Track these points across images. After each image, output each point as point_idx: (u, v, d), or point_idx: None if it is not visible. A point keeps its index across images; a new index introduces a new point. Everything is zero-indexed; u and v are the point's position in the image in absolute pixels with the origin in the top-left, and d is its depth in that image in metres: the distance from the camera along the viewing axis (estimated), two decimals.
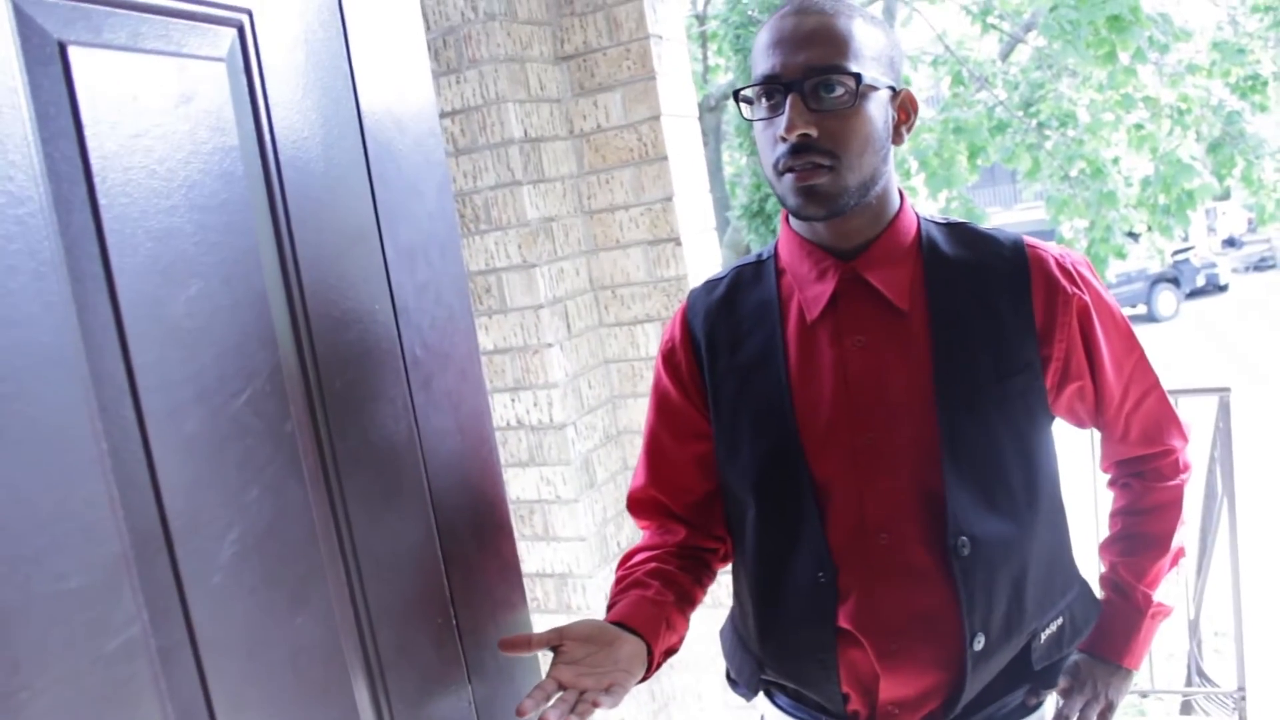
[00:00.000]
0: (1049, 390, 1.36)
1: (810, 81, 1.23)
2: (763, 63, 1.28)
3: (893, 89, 1.30)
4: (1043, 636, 1.41)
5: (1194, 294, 18.30)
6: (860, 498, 1.34)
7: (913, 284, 1.34)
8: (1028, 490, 1.36)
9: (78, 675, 0.78)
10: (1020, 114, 8.66)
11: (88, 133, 0.82)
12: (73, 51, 0.82)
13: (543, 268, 2.57)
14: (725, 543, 1.54)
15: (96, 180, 0.83)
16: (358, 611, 1.11)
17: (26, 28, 0.79)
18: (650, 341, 2.75)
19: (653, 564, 1.48)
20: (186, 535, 0.89)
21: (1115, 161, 8.37)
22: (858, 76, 1.23)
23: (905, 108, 1.33)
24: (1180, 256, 18.25)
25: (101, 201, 0.83)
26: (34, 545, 0.75)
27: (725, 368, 1.42)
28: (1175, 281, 16.96)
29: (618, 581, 1.48)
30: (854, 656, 1.38)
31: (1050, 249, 1.38)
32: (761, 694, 1.55)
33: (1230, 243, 26.67)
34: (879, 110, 1.27)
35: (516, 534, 2.05)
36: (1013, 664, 1.41)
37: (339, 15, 1.15)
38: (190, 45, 0.94)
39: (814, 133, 1.23)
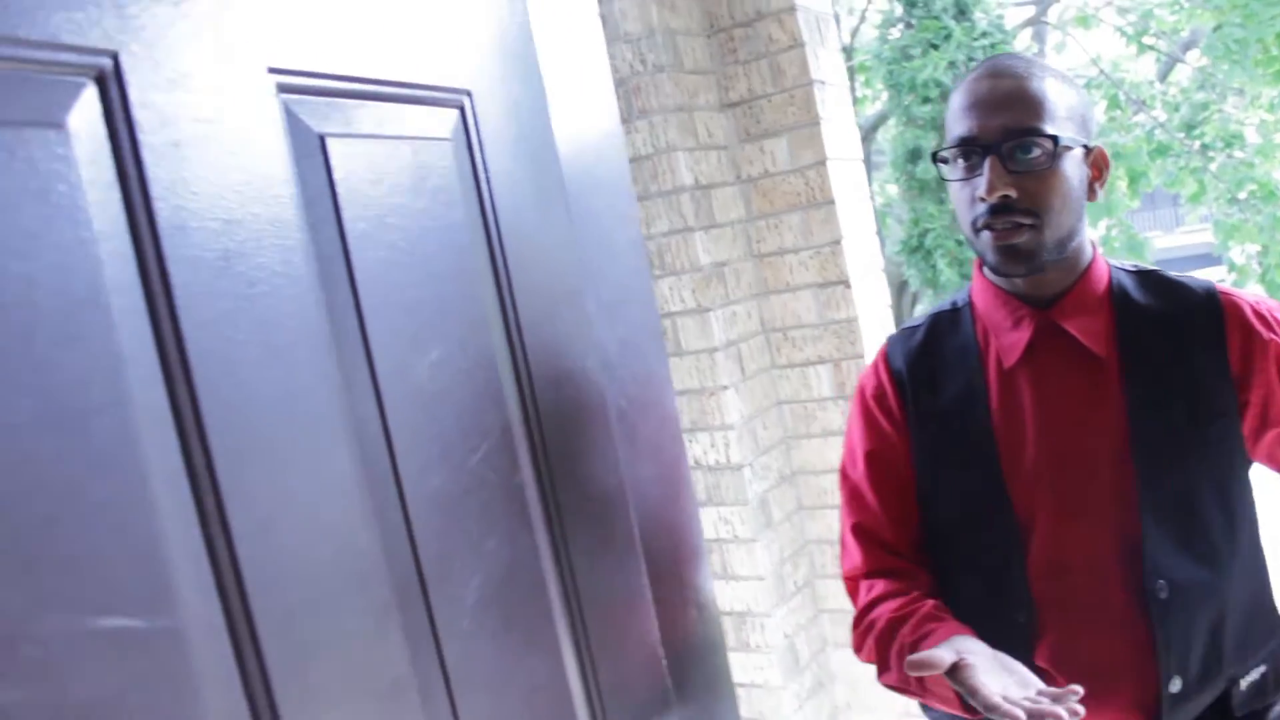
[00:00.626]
0: (1247, 436, 1.37)
1: (1008, 144, 1.27)
2: (959, 125, 1.32)
3: (1086, 147, 1.33)
4: (1244, 683, 1.40)
5: None
6: (1059, 540, 1.35)
7: (1107, 332, 1.37)
8: (1226, 535, 1.36)
9: (360, 713, 0.85)
10: (1182, 136, 8.38)
11: (344, 215, 0.91)
12: (330, 143, 0.90)
13: (716, 311, 2.63)
14: None
15: (354, 259, 0.91)
16: (580, 651, 1.17)
17: (294, 125, 0.88)
18: (822, 383, 2.77)
19: (930, 602, 1.41)
20: (438, 583, 0.95)
21: None
22: (1054, 138, 1.27)
23: (1098, 164, 1.36)
24: None
25: (358, 278, 0.91)
26: (321, 590, 0.82)
27: (928, 410, 1.45)
28: None
29: (895, 622, 1.41)
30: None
31: (1245, 296, 1.40)
32: None
33: None
34: (1074, 169, 1.31)
35: None
36: (1212, 710, 1.40)
37: (542, 87, 1.22)
38: (422, 128, 1.02)
39: (1013, 194, 1.27)
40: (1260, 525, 1.42)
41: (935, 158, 1.39)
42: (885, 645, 1.41)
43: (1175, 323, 1.36)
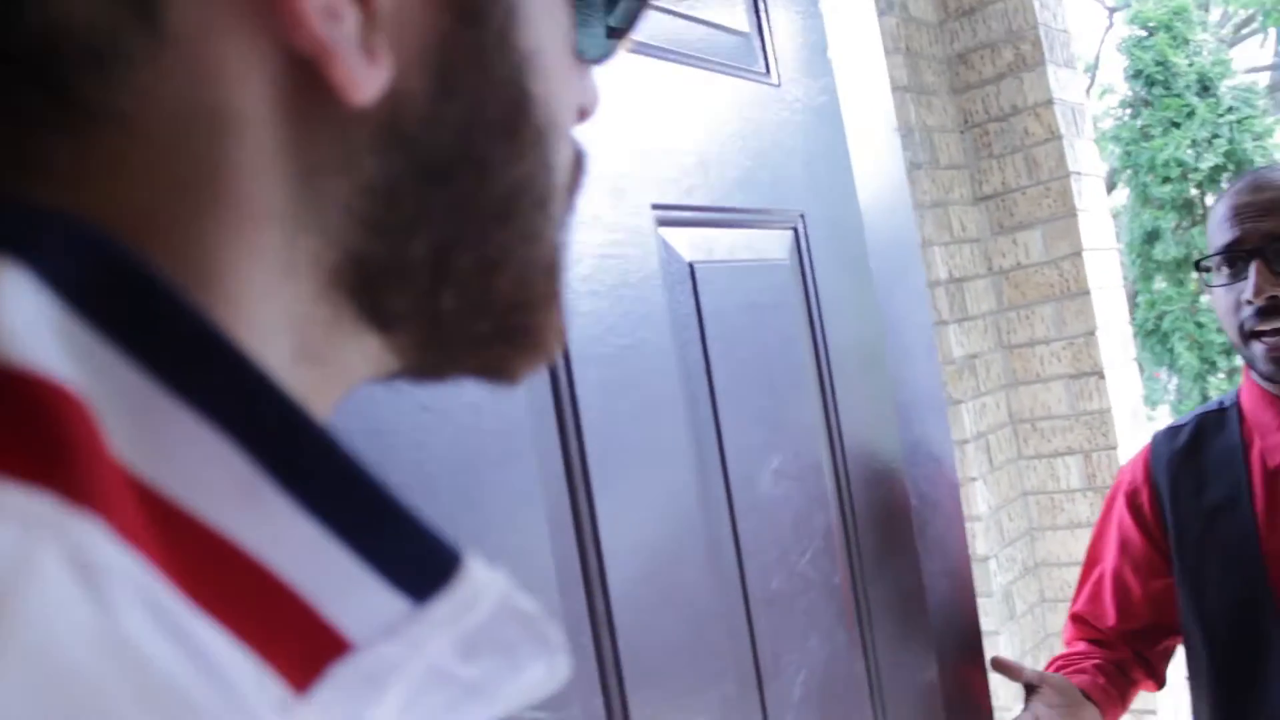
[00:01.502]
0: None
1: (1273, 247, 1.32)
2: (1224, 232, 1.37)
3: None
4: None
5: None
6: None
7: None
8: None
9: None
10: None
11: (708, 336, 0.99)
12: (698, 269, 0.99)
13: (967, 404, 2.63)
14: (1158, 674, 1.60)
15: (714, 377, 0.99)
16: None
17: (668, 255, 0.96)
18: (1071, 474, 2.73)
19: (1098, 660, 1.55)
20: (771, 678, 1.02)
21: None
22: None
23: None
24: None
25: (718, 393, 0.99)
26: (678, 685, 0.89)
27: (1190, 511, 1.47)
28: None
29: (1060, 666, 1.56)
30: None
31: None
32: None
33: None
34: None
35: None
36: None
37: (858, 205, 1.29)
38: (766, 250, 1.10)
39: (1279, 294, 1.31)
40: None
41: (1198, 266, 1.43)
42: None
43: None
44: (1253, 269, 1.32)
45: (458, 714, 0.30)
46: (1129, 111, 4.97)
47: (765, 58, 1.18)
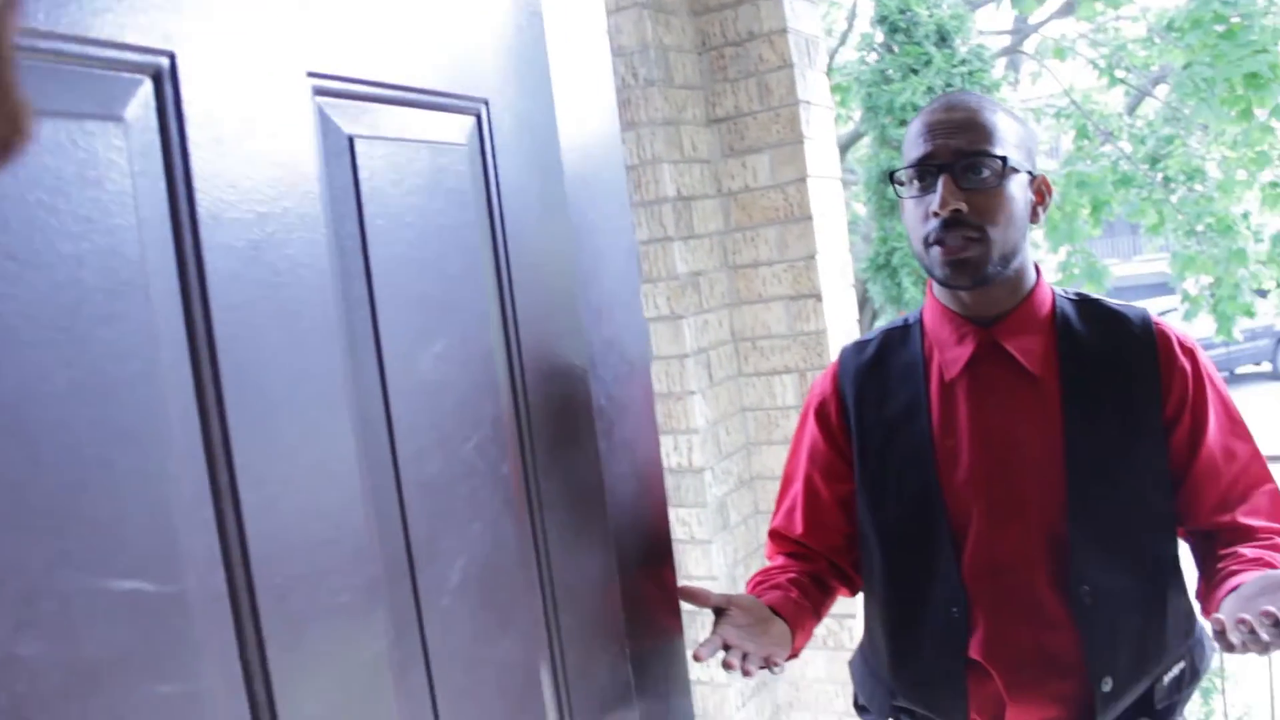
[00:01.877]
0: (1170, 455, 1.48)
1: (961, 163, 1.39)
2: (917, 148, 1.44)
3: (1030, 173, 1.46)
4: (1165, 679, 1.52)
5: None
6: (992, 541, 1.48)
7: (1046, 353, 1.48)
8: (1152, 546, 1.49)
9: (344, 680, 0.90)
10: (1146, 168, 8.54)
11: (366, 212, 0.96)
12: (358, 144, 0.96)
13: (689, 319, 2.69)
14: (853, 581, 1.68)
15: (371, 254, 0.96)
16: (550, 635, 1.23)
17: (326, 126, 0.93)
18: (788, 392, 2.85)
19: (793, 574, 1.62)
20: (426, 563, 1.01)
21: (1245, 217, 8.22)
22: (1003, 159, 1.40)
23: (1041, 191, 1.49)
24: None
25: (374, 271, 0.96)
26: (319, 564, 0.88)
27: (873, 420, 1.57)
28: None
29: (757, 582, 1.63)
30: (983, 685, 1.52)
31: (1174, 328, 1.52)
32: None
33: None
34: (1020, 191, 1.43)
35: None
36: (1135, 705, 1.52)
37: (551, 99, 1.28)
38: (441, 133, 1.08)
39: (964, 208, 1.38)
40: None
41: (892, 177, 1.51)
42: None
43: (1113, 349, 1.48)
44: (941, 183, 1.39)
45: None
46: (874, 55, 5.18)
47: None
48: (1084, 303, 1.54)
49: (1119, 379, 1.47)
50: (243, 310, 0.83)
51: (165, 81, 0.79)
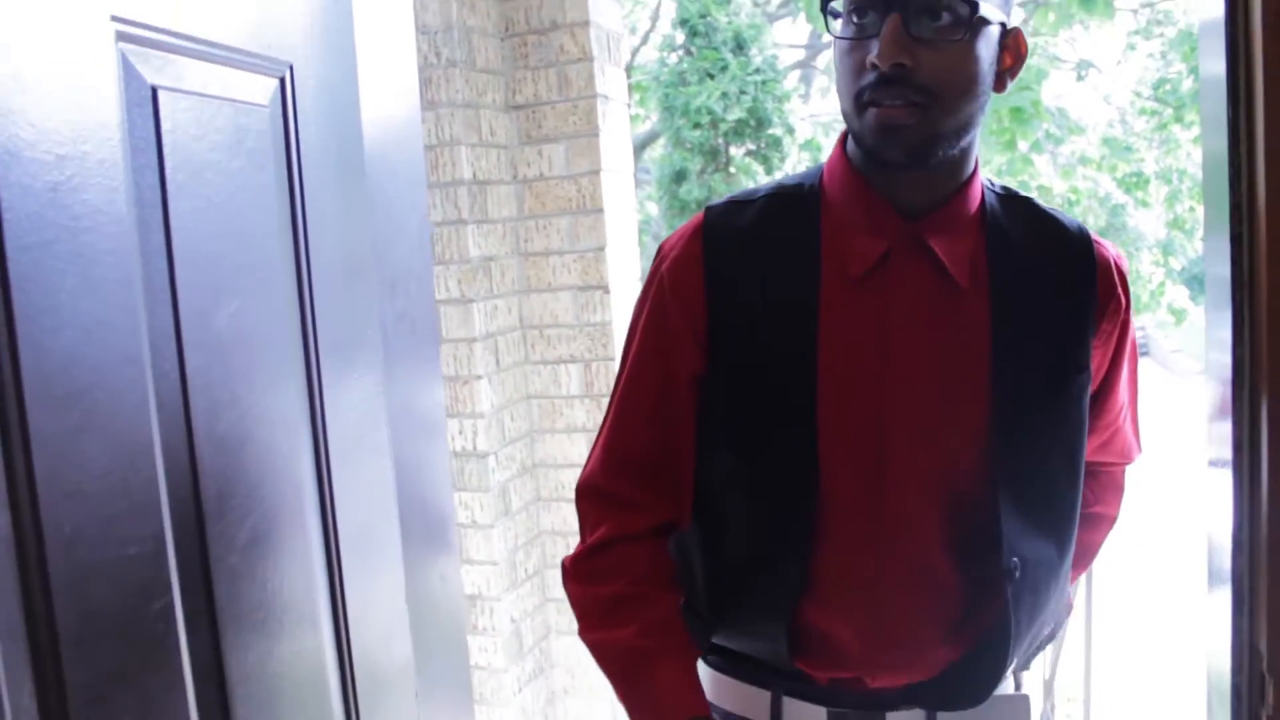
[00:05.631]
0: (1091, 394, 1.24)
1: (916, 2, 1.04)
2: None
3: (1004, 26, 1.11)
4: (1039, 639, 1.31)
5: None
6: (880, 494, 1.16)
7: (974, 260, 1.17)
8: (1069, 503, 1.22)
9: (129, 629, 0.90)
10: None
11: (167, 165, 0.96)
12: (161, 95, 0.95)
13: (479, 304, 2.71)
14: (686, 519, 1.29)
15: (171, 207, 0.96)
16: (335, 597, 1.24)
17: (129, 74, 0.92)
18: (573, 381, 2.90)
19: (665, 611, 1.23)
20: (215, 519, 1.01)
21: None
22: (973, 4, 1.04)
23: (1014, 50, 1.14)
24: None
25: (173, 225, 0.96)
26: (107, 513, 0.87)
27: (741, 312, 1.18)
28: None
29: (645, 624, 1.22)
30: (826, 643, 1.22)
31: (1110, 248, 1.25)
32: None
33: None
34: (987, 48, 1.09)
35: None
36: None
37: (355, 70, 1.29)
38: (246, 92, 1.08)
39: (910, 63, 1.04)
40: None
41: (824, 6, 1.12)
42: (616, 659, 1.25)
43: (1048, 262, 1.19)
44: (886, 25, 1.03)
45: None
46: (673, 56, 5.33)
47: None
48: (1014, 201, 1.23)
49: (1054, 302, 1.18)
50: (38, 252, 0.82)
51: None
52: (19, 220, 0.80)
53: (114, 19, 0.90)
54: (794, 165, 5.52)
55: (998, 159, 8.74)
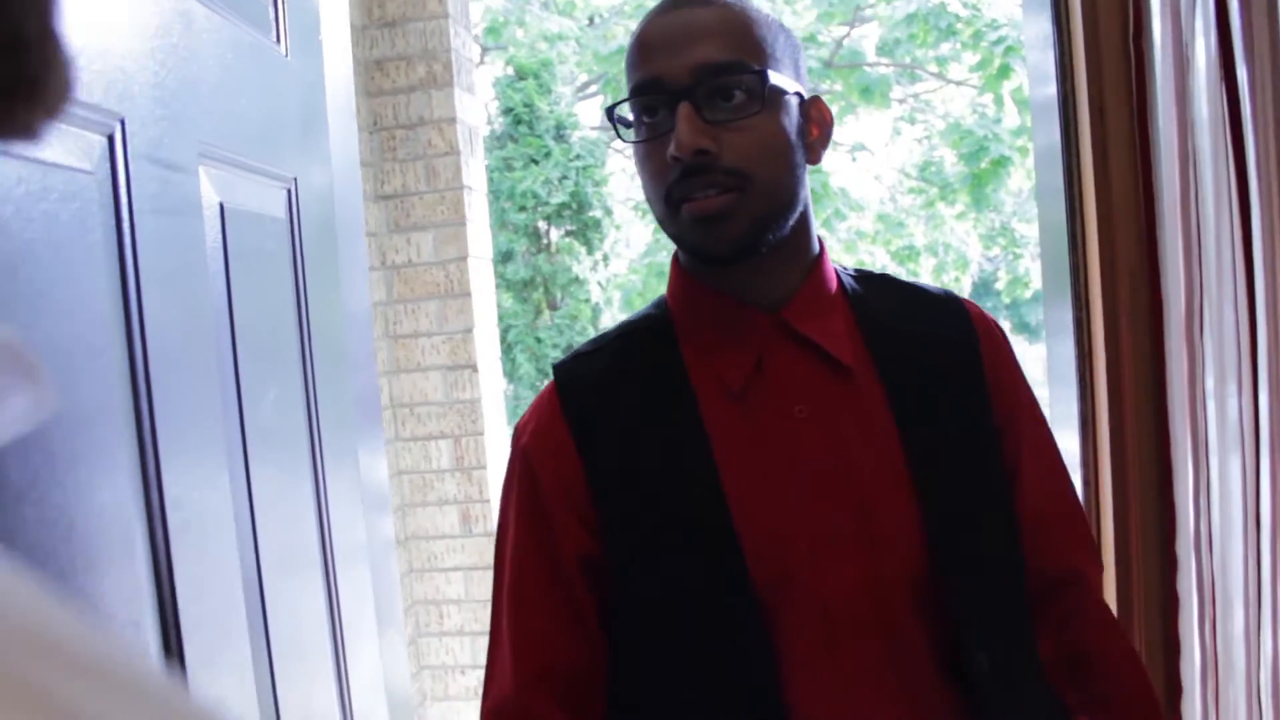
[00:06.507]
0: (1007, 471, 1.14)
1: (704, 86, 0.98)
2: (640, 69, 1.01)
3: (800, 95, 1.06)
4: None
5: None
6: (824, 604, 1.02)
7: (850, 337, 1.09)
8: (1018, 588, 1.11)
9: None
10: None
11: (232, 271, 1.09)
12: (228, 210, 1.09)
13: None
14: None
15: (236, 310, 1.09)
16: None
17: (207, 195, 1.06)
18: (443, 456, 3.04)
19: None
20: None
21: None
22: (762, 75, 0.99)
23: (819, 120, 1.08)
24: None
25: (239, 331, 1.09)
26: None
27: (620, 469, 1.06)
28: None
29: None
30: None
31: (986, 311, 1.20)
32: None
33: None
34: (789, 120, 1.03)
35: None
36: None
37: (331, 183, 1.44)
38: (269, 204, 1.22)
39: (713, 147, 0.98)
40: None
41: (611, 115, 1.05)
42: None
43: (924, 331, 1.12)
44: (679, 115, 0.97)
45: None
46: (497, 143, 5.58)
47: (277, 26, 1.30)
48: (871, 277, 1.16)
49: (943, 372, 1.10)
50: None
51: None
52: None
53: (201, 153, 1.04)
54: (612, 245, 5.86)
55: None
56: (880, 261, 11.29)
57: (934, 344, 1.11)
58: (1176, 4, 1.43)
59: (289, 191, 1.28)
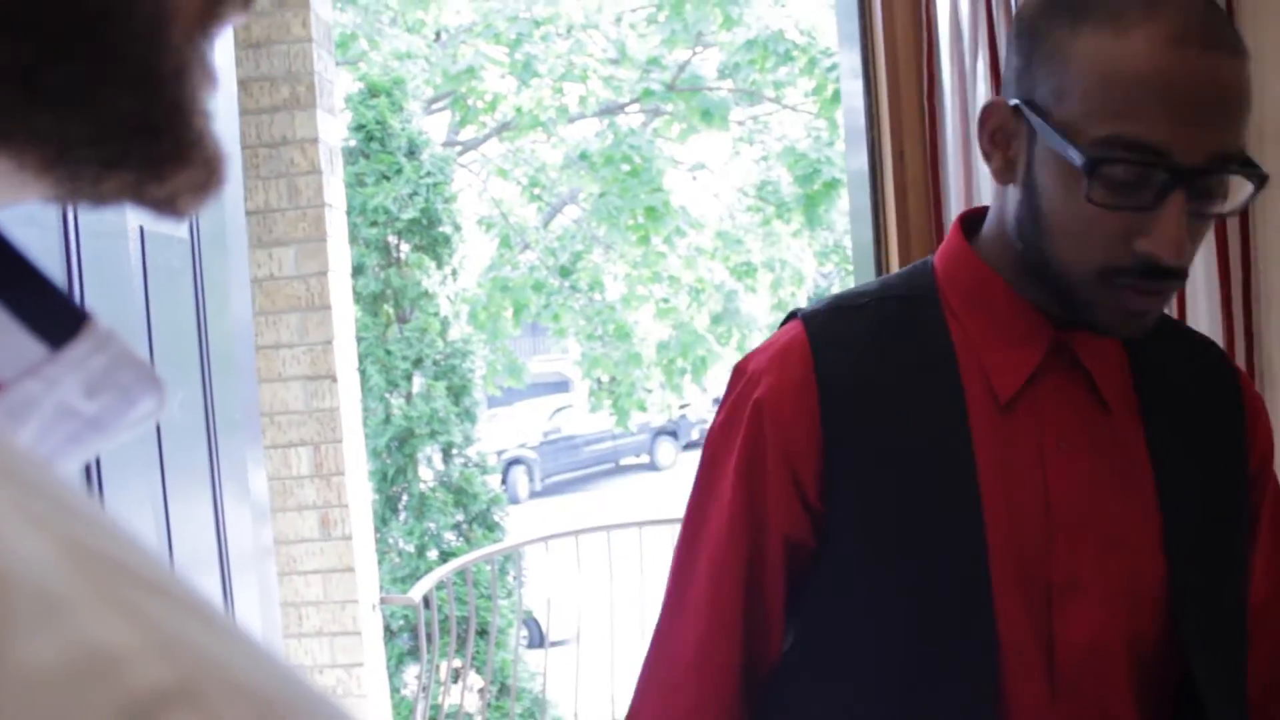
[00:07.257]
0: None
1: (1209, 178, 0.83)
2: (1144, 122, 0.81)
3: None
4: None
5: (690, 445, 20.00)
6: (1048, 655, 0.92)
7: (1121, 378, 0.97)
8: (1244, 670, 0.98)
9: None
10: (558, 277, 9.78)
11: None
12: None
13: None
14: None
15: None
16: None
17: None
18: (303, 462, 3.16)
19: None
20: None
21: (636, 325, 9.68)
22: (1263, 177, 0.85)
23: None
24: (680, 412, 20.06)
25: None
26: None
27: (871, 460, 0.94)
28: (674, 434, 18.48)
29: None
30: None
31: (1243, 374, 1.08)
32: None
33: (720, 401, 29.64)
34: None
35: None
36: None
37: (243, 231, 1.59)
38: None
39: (1189, 260, 0.86)
40: None
41: (1093, 169, 0.82)
42: None
43: (1194, 382, 1.01)
44: (1171, 210, 0.81)
45: (79, 444, 0.34)
46: (349, 158, 5.64)
47: None
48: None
49: (1205, 426, 0.99)
50: None
51: None
52: None
53: None
54: (460, 260, 5.98)
55: (633, 252, 9.59)
56: (719, 278, 11.64)
57: (1197, 394, 1.00)
58: (960, 50, 1.68)
59: None
